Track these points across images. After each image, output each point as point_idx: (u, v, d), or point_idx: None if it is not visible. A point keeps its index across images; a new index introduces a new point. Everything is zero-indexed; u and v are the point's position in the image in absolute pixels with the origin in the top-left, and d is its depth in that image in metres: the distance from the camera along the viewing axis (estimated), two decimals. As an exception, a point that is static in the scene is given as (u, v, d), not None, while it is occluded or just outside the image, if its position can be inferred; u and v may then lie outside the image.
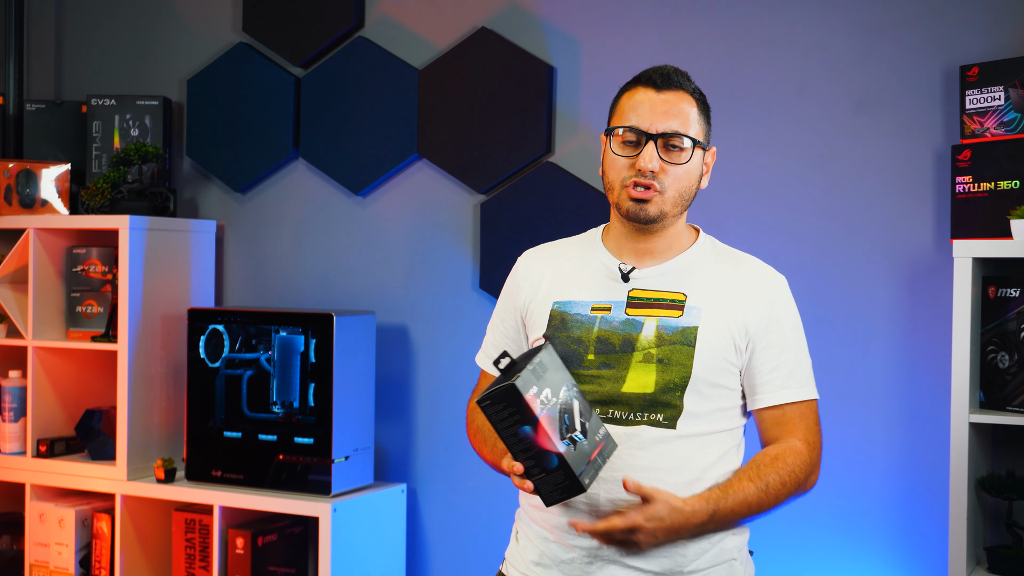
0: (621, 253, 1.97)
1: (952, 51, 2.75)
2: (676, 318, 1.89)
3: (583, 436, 1.76)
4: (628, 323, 1.89)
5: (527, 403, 1.69)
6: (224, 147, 3.62)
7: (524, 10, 3.23)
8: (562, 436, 1.73)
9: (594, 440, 1.78)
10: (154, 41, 3.79)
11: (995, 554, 2.51)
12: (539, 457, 1.72)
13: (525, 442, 1.72)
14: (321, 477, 3.08)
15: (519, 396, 1.69)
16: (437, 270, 3.34)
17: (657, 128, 1.88)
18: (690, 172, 1.92)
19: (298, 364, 3.14)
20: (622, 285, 1.94)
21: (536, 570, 1.94)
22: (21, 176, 3.53)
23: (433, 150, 3.32)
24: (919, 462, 2.77)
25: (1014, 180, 2.57)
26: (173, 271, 3.46)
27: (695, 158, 1.92)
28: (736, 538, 1.95)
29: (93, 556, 3.39)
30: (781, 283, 1.98)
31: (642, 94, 1.91)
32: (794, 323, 1.97)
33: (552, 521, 1.91)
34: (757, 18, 2.96)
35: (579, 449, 1.74)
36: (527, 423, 1.70)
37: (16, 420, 3.47)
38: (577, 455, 1.74)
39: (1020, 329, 2.48)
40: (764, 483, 1.86)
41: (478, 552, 3.24)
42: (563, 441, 1.72)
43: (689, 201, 1.94)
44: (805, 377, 1.96)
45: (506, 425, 1.72)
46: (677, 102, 1.90)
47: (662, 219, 1.91)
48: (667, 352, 1.87)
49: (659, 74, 1.91)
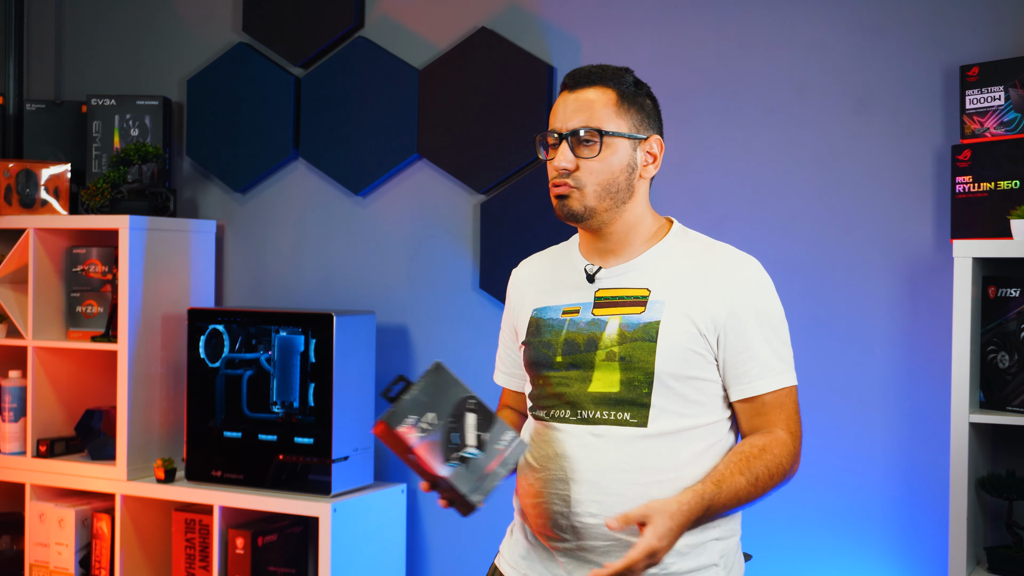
0: (590, 255, 1.98)
1: (952, 51, 2.75)
2: (638, 314, 1.87)
3: (478, 451, 1.80)
4: (593, 323, 1.89)
5: (400, 436, 1.75)
6: (224, 147, 3.62)
7: (524, 10, 3.23)
8: (446, 459, 1.78)
9: (494, 449, 1.81)
10: (154, 41, 3.79)
11: (995, 554, 2.51)
12: (433, 480, 1.79)
13: (416, 467, 1.79)
14: (321, 477, 3.08)
15: (391, 431, 1.75)
16: (437, 270, 3.34)
17: (568, 126, 1.89)
18: (609, 164, 1.89)
19: (298, 364, 3.14)
20: (590, 286, 1.94)
21: (522, 563, 1.97)
22: (21, 176, 3.53)
23: (433, 150, 3.32)
24: (919, 462, 2.77)
25: (1014, 180, 2.57)
26: (173, 271, 3.46)
27: (616, 149, 1.89)
28: (719, 544, 1.90)
29: (93, 556, 3.39)
30: (752, 268, 1.91)
31: (560, 97, 1.93)
32: (767, 308, 1.90)
33: (534, 523, 1.93)
34: (757, 18, 2.96)
35: (471, 466, 1.79)
36: (409, 452, 1.76)
37: (16, 420, 3.47)
38: (465, 474, 1.78)
39: (1020, 329, 2.48)
40: (754, 476, 1.83)
41: (478, 552, 3.24)
42: (448, 464, 1.77)
43: (620, 193, 1.91)
44: (781, 365, 1.89)
45: (399, 453, 1.78)
46: (587, 98, 1.90)
47: (590, 214, 1.90)
48: (628, 349, 1.85)
49: (572, 75, 1.93)
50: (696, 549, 1.87)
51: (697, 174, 2.98)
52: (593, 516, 1.85)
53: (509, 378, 2.12)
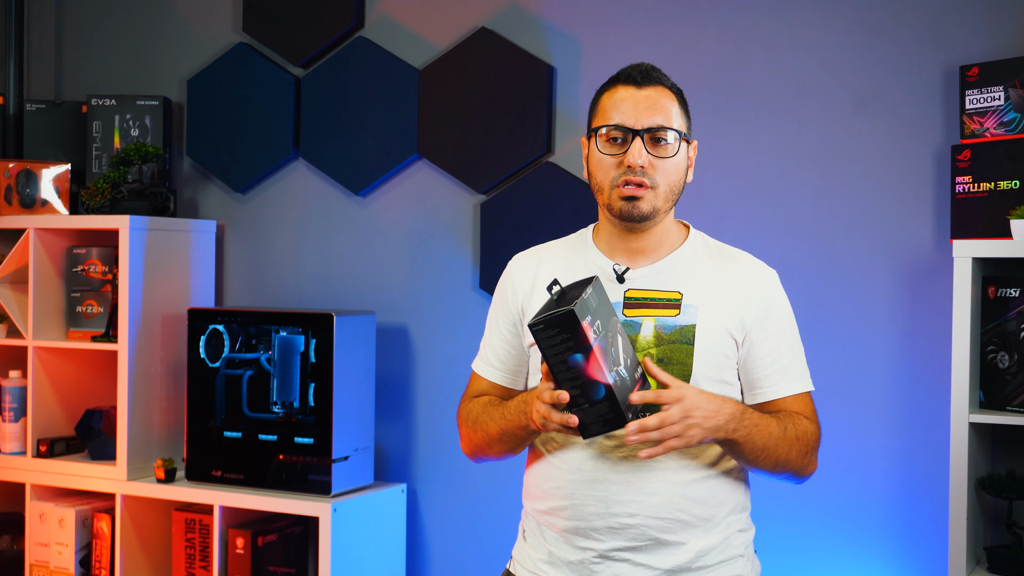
0: (613, 253, 1.97)
1: (952, 51, 2.75)
2: (673, 317, 1.89)
3: (625, 372, 1.74)
4: (626, 324, 1.89)
5: (583, 330, 1.65)
6: (224, 147, 3.62)
7: (524, 10, 3.23)
8: (610, 368, 1.70)
9: (634, 378, 1.77)
10: (154, 41, 3.79)
11: (995, 554, 2.51)
12: (586, 387, 1.69)
13: (574, 370, 1.68)
14: (321, 477, 3.08)
15: (576, 323, 1.64)
16: (437, 270, 3.34)
17: (643, 123, 1.88)
18: (678, 165, 1.92)
19: (298, 364, 3.14)
20: (618, 286, 1.93)
21: (545, 568, 1.94)
22: (21, 176, 3.53)
23: (433, 150, 3.32)
24: (919, 462, 2.77)
25: (1014, 180, 2.57)
26: (173, 271, 3.46)
27: (681, 151, 1.92)
28: (743, 535, 1.96)
29: (93, 556, 3.39)
30: (774, 277, 1.99)
31: (623, 92, 1.91)
32: (787, 316, 1.98)
33: (560, 525, 1.91)
34: (757, 18, 2.96)
35: (624, 383, 1.73)
36: (579, 351, 1.66)
37: (16, 420, 3.47)
38: (623, 389, 1.72)
39: (1020, 329, 2.48)
40: (784, 428, 1.87)
41: (478, 552, 3.24)
42: (611, 373, 1.70)
43: (678, 195, 1.94)
44: (801, 370, 1.97)
45: (557, 352, 1.67)
46: (658, 97, 1.90)
47: (654, 215, 1.90)
48: (667, 351, 1.87)
49: (638, 71, 1.92)
50: (723, 543, 1.91)
51: (697, 174, 2.96)
52: (632, 516, 1.86)
53: (503, 375, 2.07)
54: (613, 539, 1.87)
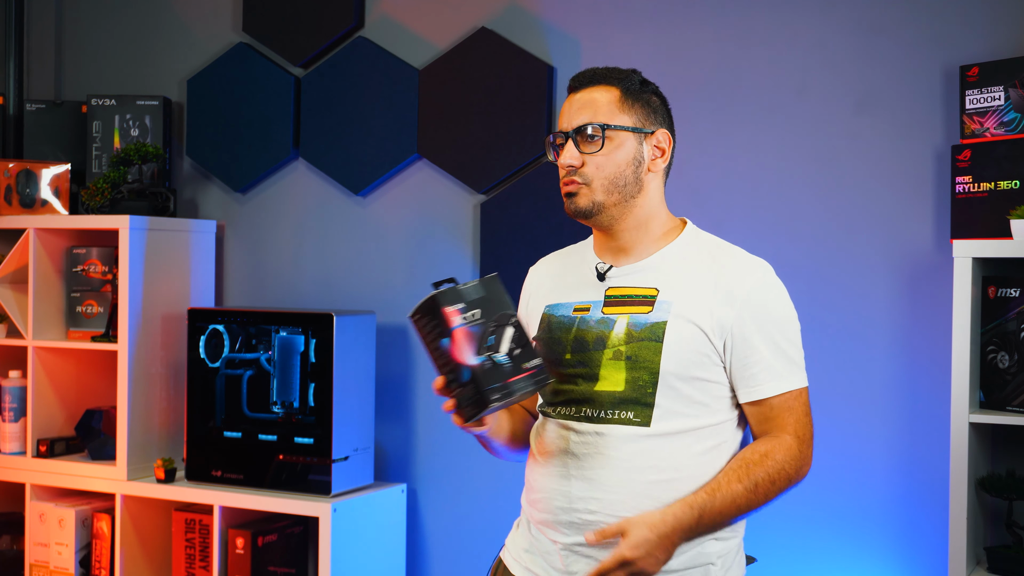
0: (602, 253, 2.00)
1: (952, 51, 2.75)
2: (646, 314, 1.88)
3: (507, 359, 1.79)
4: (602, 321, 1.91)
5: (445, 315, 1.77)
6: (224, 147, 3.62)
7: (524, 10, 3.23)
8: (478, 352, 1.77)
9: (520, 367, 1.80)
10: (154, 41, 3.79)
11: (995, 554, 2.51)
12: (455, 371, 1.78)
13: (444, 355, 1.78)
14: (321, 477, 3.08)
15: (437, 307, 1.77)
16: (437, 270, 3.34)
17: (572, 124, 1.93)
18: (614, 159, 1.91)
19: (298, 364, 3.14)
20: (600, 285, 1.96)
21: (525, 557, 1.98)
22: (21, 176, 3.53)
23: (433, 150, 3.32)
24: (919, 462, 2.77)
25: (1014, 180, 2.57)
26: (173, 271, 3.46)
27: (621, 144, 1.91)
28: (718, 544, 1.89)
29: (93, 556, 3.39)
30: (762, 272, 1.92)
31: (566, 101, 1.97)
32: (777, 312, 1.91)
33: (536, 516, 1.95)
34: (757, 18, 2.96)
35: (496, 368, 1.78)
36: (445, 335, 1.77)
37: (16, 420, 3.47)
38: (491, 372, 1.77)
39: (1020, 329, 2.48)
40: (752, 482, 1.83)
41: (478, 552, 3.24)
42: (479, 356, 1.77)
43: (627, 187, 1.92)
44: (789, 368, 1.89)
45: (431, 338, 1.80)
46: (590, 97, 1.93)
47: (599, 209, 1.92)
48: (635, 349, 1.86)
49: (577, 78, 1.97)
50: (692, 547, 1.86)
51: (697, 174, 2.98)
52: (592, 513, 1.86)
53: None
54: (575, 534, 1.87)
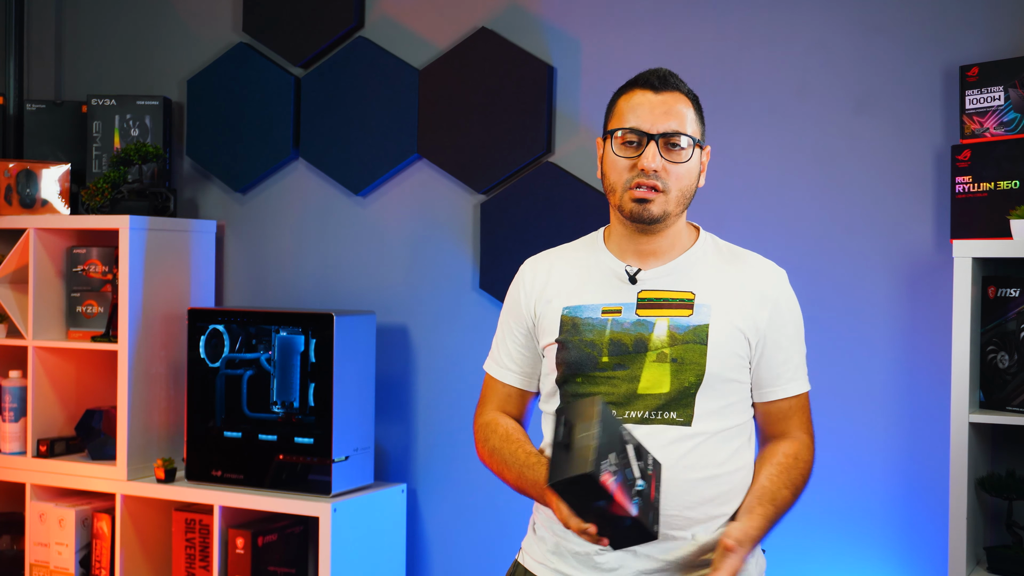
0: (624, 255, 1.99)
1: (952, 51, 2.75)
2: (687, 317, 1.91)
3: (644, 482, 1.76)
4: (640, 324, 1.91)
5: (603, 485, 1.67)
6: (224, 147, 3.62)
7: (524, 10, 3.23)
8: (631, 497, 1.72)
9: (648, 475, 1.78)
10: (154, 41, 3.79)
11: (995, 554, 2.51)
12: (612, 521, 1.73)
13: (598, 511, 1.72)
14: (321, 477, 3.08)
15: (595, 482, 1.67)
16: (437, 270, 3.34)
17: (658, 128, 1.91)
18: (691, 171, 1.95)
19: (298, 364, 3.14)
20: (630, 287, 1.95)
21: (552, 559, 1.97)
22: (21, 176, 3.53)
23: (433, 150, 3.32)
24: (919, 462, 2.77)
25: (1014, 180, 2.57)
26: (173, 271, 3.46)
27: (694, 157, 1.95)
28: None
29: (93, 556, 3.39)
30: (783, 277, 2.02)
31: (640, 96, 1.94)
32: (796, 316, 2.01)
33: None
34: (757, 18, 2.96)
35: (644, 499, 1.75)
36: (602, 499, 1.69)
37: (16, 420, 3.47)
38: (645, 506, 1.75)
39: (1020, 329, 2.48)
40: (794, 486, 1.95)
41: (478, 552, 3.24)
42: (633, 501, 1.72)
43: (689, 199, 1.96)
44: (804, 369, 2.01)
45: (581, 502, 1.71)
46: (674, 103, 1.93)
47: (665, 219, 1.93)
48: (680, 351, 1.89)
49: (656, 76, 1.95)
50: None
51: (697, 174, 2.98)
52: None
53: (519, 377, 2.08)
54: None
